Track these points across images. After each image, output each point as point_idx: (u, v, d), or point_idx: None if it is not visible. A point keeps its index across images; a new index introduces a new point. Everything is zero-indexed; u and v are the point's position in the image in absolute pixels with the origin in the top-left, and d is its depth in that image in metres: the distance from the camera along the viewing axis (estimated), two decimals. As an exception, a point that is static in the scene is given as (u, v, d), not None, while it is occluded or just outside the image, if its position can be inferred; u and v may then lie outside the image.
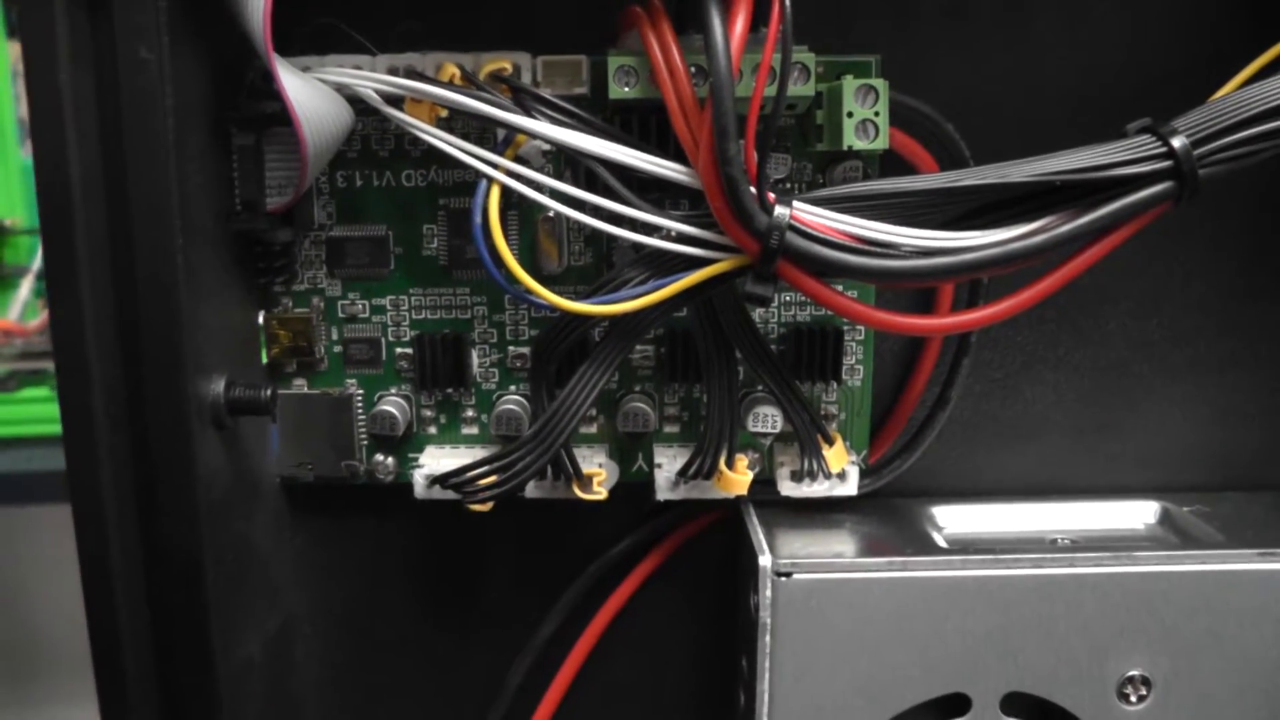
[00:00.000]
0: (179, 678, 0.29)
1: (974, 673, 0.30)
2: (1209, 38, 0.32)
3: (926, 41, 0.32)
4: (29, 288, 0.86)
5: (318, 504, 0.34)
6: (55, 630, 0.94)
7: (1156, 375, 0.34)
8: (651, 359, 0.32)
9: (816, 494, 0.32)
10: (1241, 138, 0.27)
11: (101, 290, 0.27)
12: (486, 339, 0.32)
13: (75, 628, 0.30)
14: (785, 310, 0.32)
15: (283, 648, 0.34)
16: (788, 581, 0.29)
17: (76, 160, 0.25)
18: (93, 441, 0.27)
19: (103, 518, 0.27)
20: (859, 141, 0.28)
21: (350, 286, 0.32)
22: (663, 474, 0.31)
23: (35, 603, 0.94)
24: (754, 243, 0.26)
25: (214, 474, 0.29)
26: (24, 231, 0.87)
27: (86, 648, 0.28)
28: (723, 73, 0.25)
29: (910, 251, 0.27)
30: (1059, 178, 0.27)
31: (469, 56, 0.29)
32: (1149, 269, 0.34)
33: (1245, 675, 0.30)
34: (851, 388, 0.33)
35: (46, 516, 0.83)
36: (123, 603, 0.28)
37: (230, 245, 0.30)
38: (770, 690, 0.30)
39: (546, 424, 0.29)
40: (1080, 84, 0.32)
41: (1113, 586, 0.30)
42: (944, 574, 0.29)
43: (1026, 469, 0.35)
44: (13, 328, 0.84)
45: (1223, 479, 0.35)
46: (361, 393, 0.32)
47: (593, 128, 0.28)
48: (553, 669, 0.35)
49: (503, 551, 0.35)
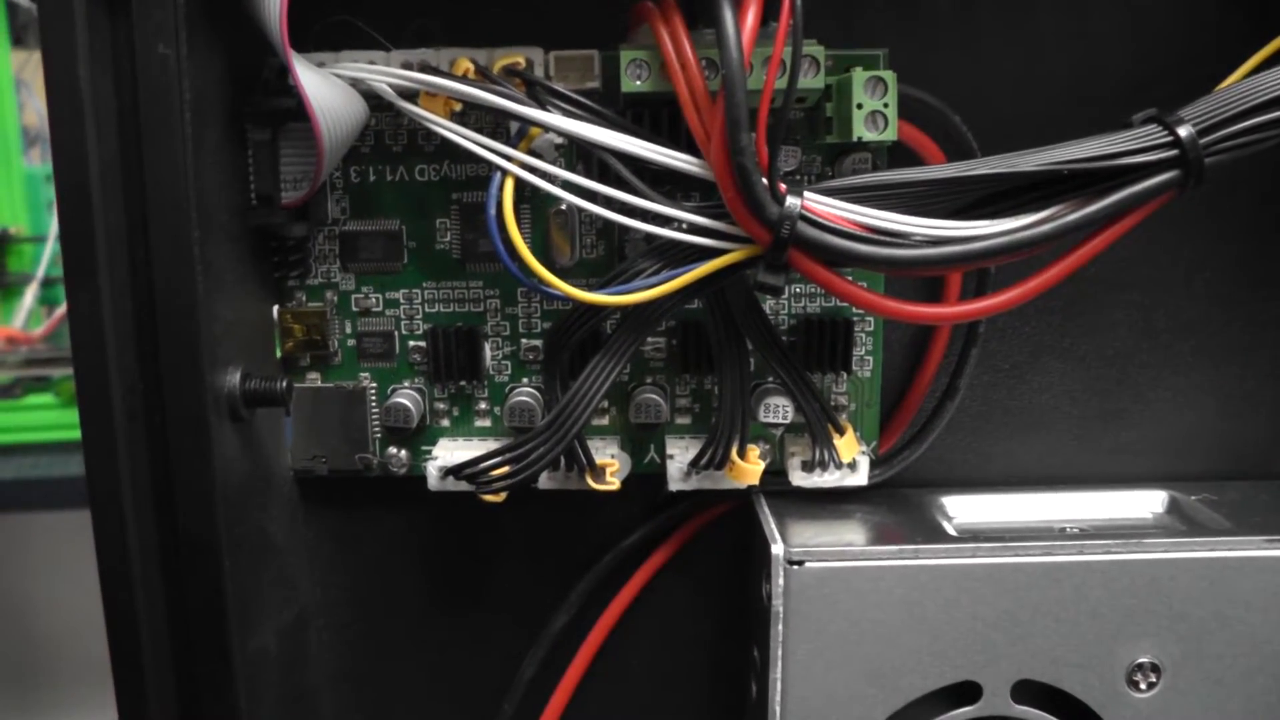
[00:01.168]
0: (196, 667, 0.29)
1: (985, 660, 0.30)
2: (1210, 30, 0.33)
3: (932, 36, 0.33)
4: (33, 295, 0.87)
5: (332, 497, 0.34)
6: (63, 637, 0.94)
7: (1163, 365, 0.35)
8: (664, 351, 0.33)
9: (827, 484, 0.32)
10: (1247, 126, 0.28)
11: (120, 284, 0.27)
12: (499, 332, 0.33)
13: (83, 634, 0.30)
14: (795, 301, 0.33)
15: (298, 638, 0.34)
16: (800, 570, 0.29)
17: (95, 155, 0.26)
18: (111, 433, 0.27)
19: (121, 509, 0.28)
20: (868, 133, 0.29)
21: (364, 280, 0.32)
22: (675, 465, 0.31)
23: (42, 609, 0.94)
24: (766, 233, 0.27)
25: (230, 465, 0.29)
26: (27, 240, 0.87)
27: (94, 654, 0.28)
28: (734, 65, 0.25)
29: (920, 240, 0.27)
30: (1067, 167, 0.27)
31: (482, 52, 0.29)
32: (1155, 260, 0.34)
33: (1253, 659, 0.30)
34: (861, 378, 0.33)
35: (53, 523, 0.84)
36: (140, 592, 0.28)
37: (246, 240, 0.30)
38: (783, 678, 0.30)
39: (559, 415, 0.29)
40: (1084, 76, 0.33)
41: (1121, 573, 0.30)
42: (954, 562, 0.30)
43: (1034, 458, 0.35)
44: (17, 335, 0.85)
45: (1230, 467, 0.35)
46: (375, 386, 0.33)
47: (605, 120, 0.28)
48: (566, 660, 0.35)
49: (516, 543, 0.35)
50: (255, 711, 0.30)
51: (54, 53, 0.25)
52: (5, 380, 0.82)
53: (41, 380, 0.82)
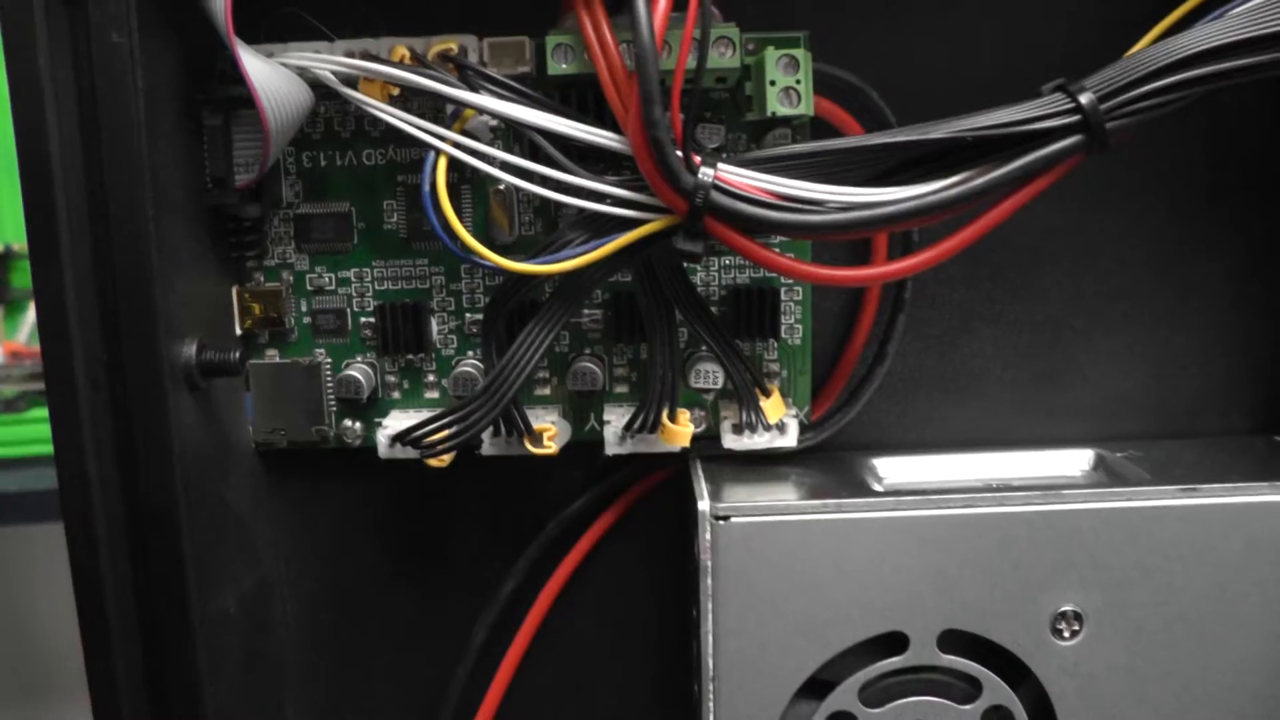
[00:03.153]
0: (159, 626, 0.31)
1: (911, 611, 0.31)
2: (1125, 7, 0.34)
3: (857, 18, 0.34)
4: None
5: (291, 468, 0.36)
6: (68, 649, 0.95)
7: (1093, 329, 0.36)
8: (600, 322, 0.34)
9: (758, 446, 0.33)
10: (1146, 90, 0.29)
11: (82, 260, 0.29)
12: (445, 307, 0.34)
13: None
14: (725, 273, 0.34)
15: (259, 605, 0.36)
16: (726, 525, 0.31)
17: (56, 139, 0.28)
18: (75, 404, 0.29)
19: (85, 474, 0.29)
20: (782, 108, 0.30)
21: (317, 260, 0.34)
22: (611, 429, 0.33)
23: (47, 620, 0.94)
24: (681, 201, 0.28)
25: (189, 434, 0.31)
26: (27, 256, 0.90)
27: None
28: (645, 41, 0.27)
29: (833, 207, 0.29)
30: (971, 133, 0.29)
31: (420, 40, 0.31)
32: (1084, 227, 0.35)
33: (1173, 607, 0.31)
34: (792, 346, 0.34)
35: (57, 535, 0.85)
36: (105, 555, 0.30)
37: (203, 220, 0.32)
38: (714, 632, 0.31)
39: (496, 379, 0.31)
40: (1005, 54, 0.34)
41: (1043, 524, 0.31)
42: (878, 515, 0.31)
43: (967, 422, 0.36)
44: (22, 350, 0.87)
45: (1159, 428, 0.36)
46: (330, 361, 0.34)
47: (533, 101, 0.30)
48: (515, 625, 0.37)
49: (466, 511, 0.37)
50: (216, 672, 0.32)
51: (13, 42, 0.27)
52: (9, 394, 0.84)
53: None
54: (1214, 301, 0.35)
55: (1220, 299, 0.35)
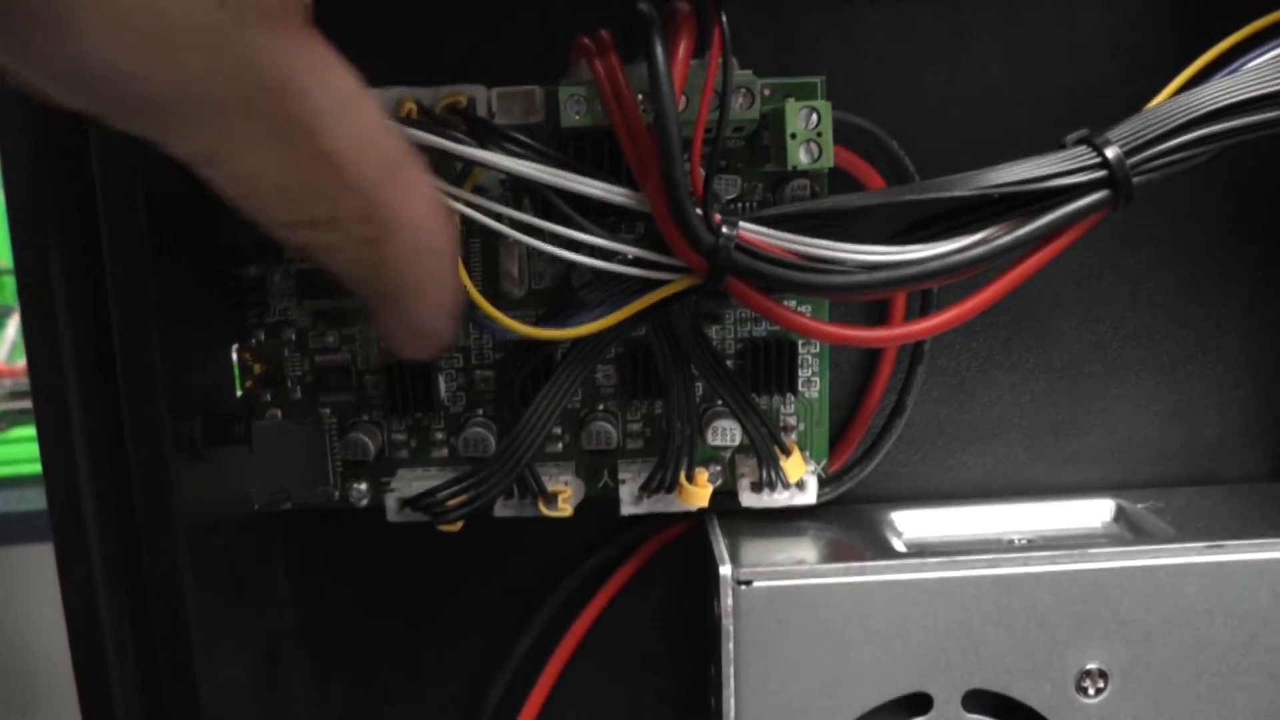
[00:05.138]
0: (164, 699, 0.30)
1: (935, 671, 0.31)
2: (1140, 51, 0.33)
3: (871, 62, 0.33)
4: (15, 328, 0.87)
5: (297, 529, 0.35)
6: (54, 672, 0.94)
7: (1110, 374, 0.35)
8: (614, 378, 0.33)
9: (777, 504, 0.32)
10: (1171, 145, 0.28)
11: (80, 323, 0.28)
12: (453, 364, 0.33)
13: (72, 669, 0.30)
14: (741, 326, 0.33)
15: (268, 668, 0.35)
16: (748, 589, 0.30)
17: (51, 191, 0.27)
18: (74, 473, 0.28)
19: (85, 547, 0.28)
20: (804, 161, 0.29)
21: (320, 317, 0.33)
22: (626, 489, 0.32)
23: (30, 642, 0.94)
24: (702, 262, 0.27)
25: (192, 502, 0.30)
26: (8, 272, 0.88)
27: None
28: (665, 99, 0.26)
29: (855, 266, 0.28)
30: (998, 190, 0.28)
31: (428, 90, 0.30)
32: (1099, 274, 0.35)
33: (1199, 662, 0.31)
34: (809, 399, 0.34)
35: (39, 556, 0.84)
36: (107, 627, 0.29)
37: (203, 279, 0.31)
38: (736, 695, 0.31)
39: (511, 444, 0.30)
40: (1021, 98, 0.34)
41: (1067, 582, 0.30)
42: (901, 577, 0.30)
43: (984, 471, 0.36)
44: (1, 368, 0.85)
45: (1177, 474, 0.36)
46: (335, 420, 0.33)
47: (545, 158, 0.29)
48: (529, 683, 0.36)
49: (477, 570, 0.36)
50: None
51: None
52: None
53: (27, 413, 0.83)
54: (1231, 346, 0.35)
55: (1237, 343, 0.35)
